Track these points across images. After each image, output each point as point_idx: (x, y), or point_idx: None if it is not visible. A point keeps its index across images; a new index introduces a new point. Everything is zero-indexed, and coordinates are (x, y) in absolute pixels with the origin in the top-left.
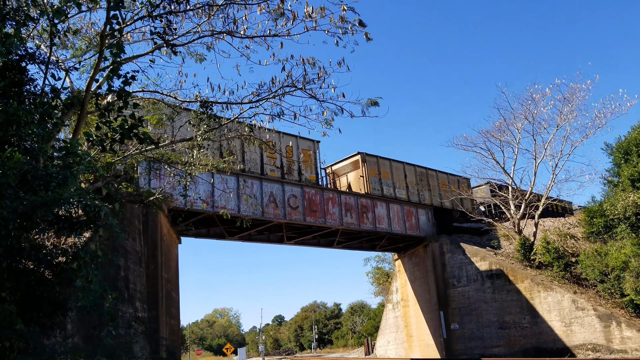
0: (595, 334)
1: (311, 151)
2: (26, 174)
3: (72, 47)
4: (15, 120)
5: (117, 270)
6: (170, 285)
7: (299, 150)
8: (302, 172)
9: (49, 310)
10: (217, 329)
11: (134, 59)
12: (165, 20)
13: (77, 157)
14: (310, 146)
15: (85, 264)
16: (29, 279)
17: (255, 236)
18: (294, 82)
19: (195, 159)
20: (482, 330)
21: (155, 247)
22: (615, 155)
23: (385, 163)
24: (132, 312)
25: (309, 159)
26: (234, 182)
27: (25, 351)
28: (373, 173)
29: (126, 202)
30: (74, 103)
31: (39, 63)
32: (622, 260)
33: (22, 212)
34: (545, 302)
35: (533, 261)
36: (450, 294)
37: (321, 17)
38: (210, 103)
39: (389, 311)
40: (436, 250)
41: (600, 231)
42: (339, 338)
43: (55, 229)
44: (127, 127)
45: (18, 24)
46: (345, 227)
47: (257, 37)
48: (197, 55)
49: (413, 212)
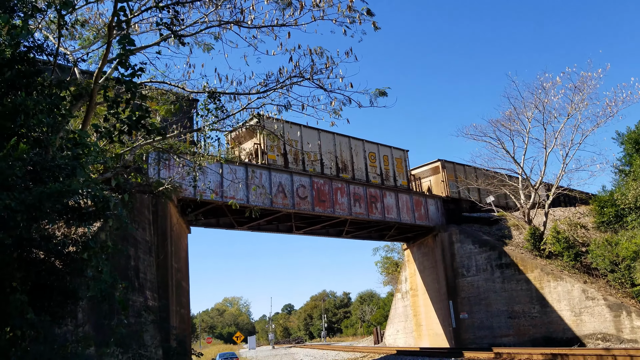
0: (605, 323)
1: (402, 159)
2: (35, 165)
3: (80, 38)
4: (24, 111)
5: (127, 260)
6: (180, 275)
7: (392, 159)
8: (396, 178)
9: (60, 299)
10: (227, 318)
11: (141, 50)
12: (172, 11)
13: (85, 148)
14: (402, 155)
15: (95, 254)
16: (40, 268)
17: (264, 226)
18: (301, 72)
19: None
20: (492, 319)
21: (165, 236)
22: (626, 144)
23: (460, 168)
24: (142, 301)
25: (400, 166)
26: (242, 173)
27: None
28: (451, 178)
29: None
30: (83, 94)
31: (47, 54)
32: (632, 250)
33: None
34: (555, 292)
35: (543, 251)
36: (460, 284)
37: (329, 6)
38: (218, 94)
39: (398, 300)
40: (445, 240)
41: (611, 221)
42: (348, 327)
43: (65, 219)
44: (134, 118)
45: (26, 16)
46: (354, 217)
47: (264, 27)
48: (205, 45)
49: (422, 201)
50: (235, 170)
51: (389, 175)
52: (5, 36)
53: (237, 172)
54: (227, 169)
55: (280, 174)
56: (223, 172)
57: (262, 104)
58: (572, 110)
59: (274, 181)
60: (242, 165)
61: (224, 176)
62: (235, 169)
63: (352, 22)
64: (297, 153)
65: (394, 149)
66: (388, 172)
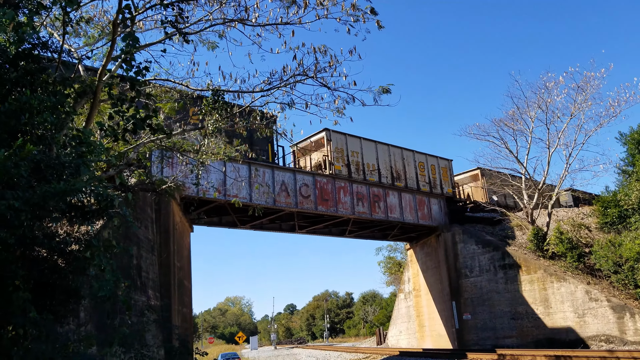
0: (608, 325)
1: (447, 168)
2: (39, 163)
3: (84, 36)
4: (28, 109)
5: (130, 259)
6: (183, 274)
7: (439, 168)
8: (442, 186)
9: (62, 298)
10: (229, 318)
11: (145, 47)
12: (176, 9)
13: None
14: (447, 164)
15: (98, 253)
16: (43, 267)
17: (267, 225)
18: (305, 70)
19: (208, 147)
20: (495, 320)
21: (167, 235)
22: (629, 144)
23: (494, 174)
24: (145, 300)
25: (446, 175)
26: (245, 171)
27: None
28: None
29: (139, 190)
30: (87, 91)
31: (51, 52)
32: (636, 251)
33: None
34: (558, 293)
35: (546, 251)
36: (463, 284)
37: (333, 4)
38: (222, 92)
39: (401, 301)
40: (448, 240)
41: (614, 221)
42: (350, 327)
43: (68, 217)
44: (139, 117)
45: (31, 13)
46: (357, 217)
47: (268, 25)
48: (209, 43)
49: (425, 201)
50: (239, 168)
51: (436, 184)
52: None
53: (240, 170)
54: (230, 167)
55: (283, 172)
56: (226, 170)
57: (265, 102)
58: (575, 110)
59: (277, 179)
60: (245, 164)
61: (227, 174)
62: (239, 167)
63: (356, 20)
64: (358, 164)
65: (440, 158)
66: (435, 180)
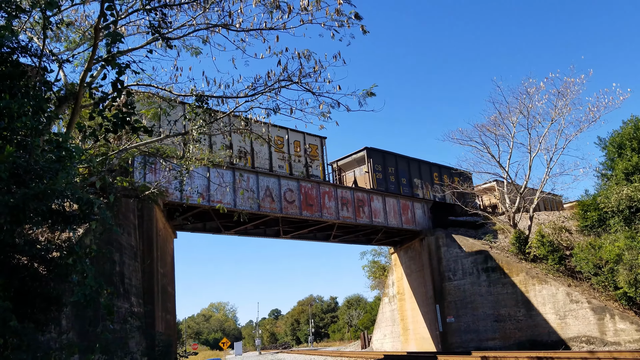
0: (589, 326)
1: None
2: (18, 168)
3: (65, 40)
4: (7, 113)
5: (112, 265)
6: (166, 280)
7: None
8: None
9: (43, 305)
10: (213, 324)
11: (128, 52)
12: (160, 13)
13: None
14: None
15: (80, 259)
16: (23, 274)
17: (252, 230)
18: (289, 75)
19: (192, 153)
20: (478, 323)
21: (150, 241)
22: (608, 149)
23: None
24: (128, 307)
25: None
26: (230, 176)
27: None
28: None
29: (121, 196)
30: (68, 97)
31: (31, 56)
32: (615, 254)
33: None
34: (540, 295)
35: (528, 254)
36: (446, 288)
37: (317, 9)
38: (206, 97)
39: (386, 305)
40: (432, 243)
41: (594, 224)
42: (335, 332)
43: (49, 223)
44: (120, 116)
45: (9, 16)
46: (342, 221)
47: (252, 30)
48: (193, 49)
49: (409, 205)
50: (223, 174)
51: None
52: None
53: (225, 175)
54: (214, 172)
55: (267, 177)
56: (210, 176)
57: (250, 108)
58: (556, 115)
59: (261, 185)
60: (229, 169)
61: (211, 180)
62: (223, 173)
63: (341, 25)
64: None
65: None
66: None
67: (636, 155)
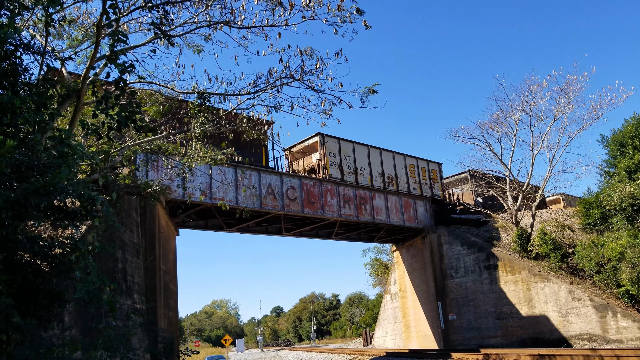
0: (591, 324)
1: (437, 171)
2: (20, 165)
3: (68, 38)
4: (10, 109)
5: (115, 262)
6: (168, 277)
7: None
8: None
9: (46, 302)
10: (215, 321)
11: (130, 50)
12: (162, 11)
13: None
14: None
15: (83, 256)
16: (26, 271)
17: (254, 228)
18: (291, 73)
19: (194, 150)
20: (480, 320)
21: (153, 239)
22: (611, 147)
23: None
24: (130, 304)
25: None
26: (232, 174)
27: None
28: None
29: (124, 194)
30: (71, 94)
31: (34, 53)
32: (618, 251)
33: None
34: (542, 293)
35: (530, 252)
36: (448, 285)
37: (319, 6)
38: (208, 94)
39: (387, 302)
40: (434, 241)
41: (597, 222)
42: (337, 329)
43: (52, 220)
44: (124, 114)
45: (12, 13)
46: (344, 219)
47: (254, 27)
48: (195, 46)
49: (411, 203)
50: (225, 171)
51: (427, 186)
52: None
53: (227, 173)
54: (216, 170)
55: (269, 175)
56: (212, 174)
57: (252, 105)
58: (559, 113)
59: (263, 182)
60: (231, 167)
61: (213, 177)
62: (225, 170)
63: (343, 21)
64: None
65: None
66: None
67: (638, 153)
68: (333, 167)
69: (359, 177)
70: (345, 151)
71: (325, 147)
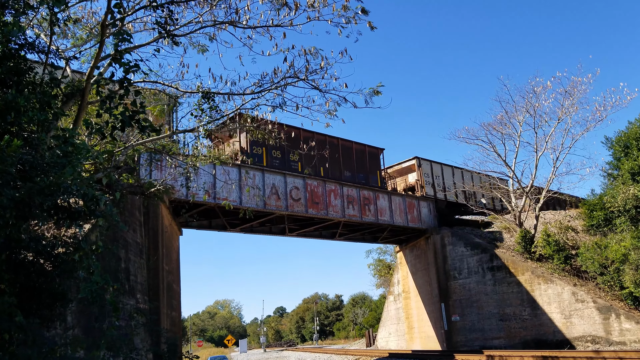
0: (594, 326)
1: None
2: (24, 164)
3: (72, 37)
4: (14, 108)
5: (118, 262)
6: (172, 277)
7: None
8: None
9: (49, 301)
10: (218, 321)
11: (135, 49)
12: (166, 10)
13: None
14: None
15: (86, 255)
16: (29, 270)
17: (257, 228)
18: (296, 72)
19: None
20: (483, 322)
21: (156, 238)
22: (615, 148)
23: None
24: (133, 303)
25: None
26: (235, 174)
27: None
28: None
29: (127, 193)
30: (75, 93)
31: (38, 52)
32: (621, 253)
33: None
34: (545, 295)
35: (534, 253)
36: (451, 286)
37: (324, 6)
38: (212, 94)
39: (391, 303)
40: (437, 242)
41: (600, 224)
42: (340, 330)
43: (55, 219)
44: (128, 114)
45: (17, 12)
46: (347, 219)
47: (259, 27)
48: (200, 46)
49: (415, 204)
50: (229, 171)
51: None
52: None
53: (231, 173)
54: (219, 170)
55: (273, 175)
56: (216, 173)
57: (256, 105)
58: (563, 114)
59: (267, 182)
60: (235, 167)
61: (217, 177)
62: (229, 170)
63: (348, 22)
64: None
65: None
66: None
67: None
68: (427, 186)
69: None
70: (436, 172)
71: (421, 169)
